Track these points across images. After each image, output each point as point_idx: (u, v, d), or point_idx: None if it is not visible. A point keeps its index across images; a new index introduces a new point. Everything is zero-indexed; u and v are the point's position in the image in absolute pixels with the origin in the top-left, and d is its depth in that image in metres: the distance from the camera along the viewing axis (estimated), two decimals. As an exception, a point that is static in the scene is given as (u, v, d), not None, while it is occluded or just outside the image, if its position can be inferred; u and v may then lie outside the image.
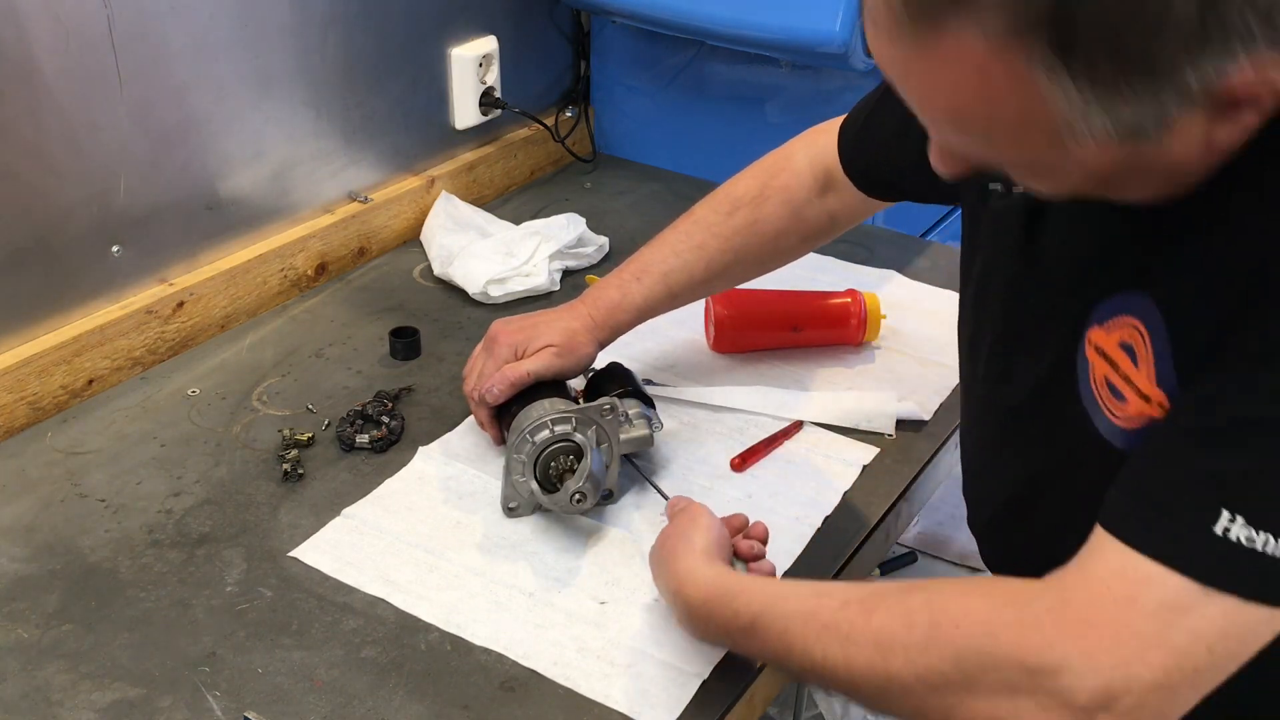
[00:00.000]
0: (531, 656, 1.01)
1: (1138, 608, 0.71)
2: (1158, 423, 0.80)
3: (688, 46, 1.87)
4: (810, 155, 1.25)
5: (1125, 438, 0.83)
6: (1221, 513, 0.69)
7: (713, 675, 0.99)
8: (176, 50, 1.36)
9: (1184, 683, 0.70)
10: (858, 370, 1.44)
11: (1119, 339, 0.83)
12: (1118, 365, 0.83)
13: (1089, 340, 0.86)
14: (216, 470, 1.23)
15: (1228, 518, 0.69)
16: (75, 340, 1.32)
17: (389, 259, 1.68)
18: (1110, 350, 0.84)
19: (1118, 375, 0.83)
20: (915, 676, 0.76)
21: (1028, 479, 0.98)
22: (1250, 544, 0.69)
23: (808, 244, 1.28)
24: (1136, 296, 0.81)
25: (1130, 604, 0.71)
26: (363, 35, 1.59)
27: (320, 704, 0.96)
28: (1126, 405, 0.82)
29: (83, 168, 1.30)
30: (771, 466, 1.26)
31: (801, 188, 1.24)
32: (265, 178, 1.52)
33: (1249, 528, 0.69)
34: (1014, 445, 0.99)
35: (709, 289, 1.29)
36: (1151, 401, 0.80)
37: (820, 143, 1.24)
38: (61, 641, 1.02)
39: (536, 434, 1.12)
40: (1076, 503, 0.88)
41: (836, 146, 1.20)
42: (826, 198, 1.23)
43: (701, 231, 1.25)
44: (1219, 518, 0.69)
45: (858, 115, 1.20)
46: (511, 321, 1.25)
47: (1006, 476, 1.01)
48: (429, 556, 1.11)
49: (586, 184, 1.93)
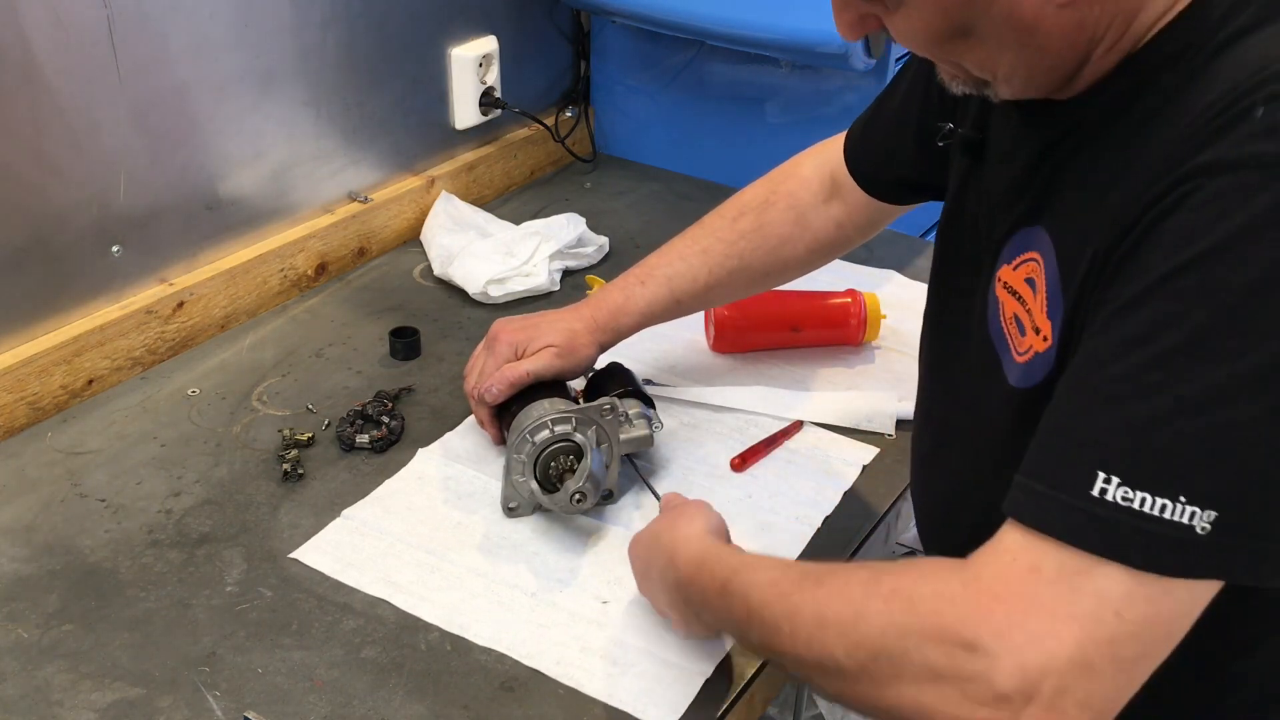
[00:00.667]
0: (535, 656, 1.01)
1: (1040, 578, 0.70)
2: (1040, 357, 0.81)
3: (688, 46, 1.87)
4: (817, 163, 1.25)
5: (1018, 372, 0.85)
6: (1097, 475, 0.68)
7: (713, 675, 1.00)
8: (176, 50, 1.36)
9: (1101, 657, 0.68)
10: (858, 370, 1.44)
11: (1025, 274, 0.85)
12: (1024, 300, 0.85)
13: (999, 279, 0.88)
14: (216, 470, 1.23)
15: (1103, 479, 0.68)
16: (75, 340, 1.32)
17: (389, 259, 1.68)
18: (1018, 286, 0.86)
19: (1024, 310, 0.85)
20: (845, 653, 0.75)
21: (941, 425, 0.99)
22: (1128, 503, 0.67)
23: (814, 254, 1.27)
24: (1035, 230, 0.84)
25: (1033, 575, 0.70)
26: (363, 35, 1.59)
27: (320, 704, 0.96)
28: (1024, 339, 0.84)
29: (83, 168, 1.30)
30: (771, 466, 1.26)
31: (807, 194, 1.24)
32: (265, 178, 1.52)
33: (1125, 487, 0.68)
34: (935, 394, 1.02)
35: (713, 295, 1.28)
36: (1039, 334, 0.81)
37: (825, 152, 1.25)
38: (61, 641, 1.02)
39: (537, 434, 1.12)
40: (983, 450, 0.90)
41: (842, 151, 1.21)
42: (832, 204, 1.23)
43: (707, 237, 1.25)
44: (1095, 480, 0.68)
45: (861, 117, 1.22)
46: (513, 321, 1.25)
47: (927, 430, 1.03)
48: (430, 557, 1.11)
49: (586, 184, 1.93)
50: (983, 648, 0.69)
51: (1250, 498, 0.67)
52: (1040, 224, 0.84)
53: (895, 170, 1.17)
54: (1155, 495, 0.67)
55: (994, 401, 0.88)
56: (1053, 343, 0.80)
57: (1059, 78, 0.80)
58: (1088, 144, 0.81)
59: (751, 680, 1.00)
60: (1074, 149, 0.82)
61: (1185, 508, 0.67)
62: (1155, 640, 0.70)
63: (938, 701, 0.71)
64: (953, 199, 1.01)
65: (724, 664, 1.01)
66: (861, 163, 1.20)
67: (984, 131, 0.95)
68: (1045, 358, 0.81)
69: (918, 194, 1.18)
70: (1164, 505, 0.67)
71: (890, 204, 1.21)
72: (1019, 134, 0.89)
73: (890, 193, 1.20)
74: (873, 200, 1.20)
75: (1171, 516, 0.67)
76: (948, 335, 1.00)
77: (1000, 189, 0.90)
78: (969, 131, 0.96)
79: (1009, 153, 0.90)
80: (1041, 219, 0.84)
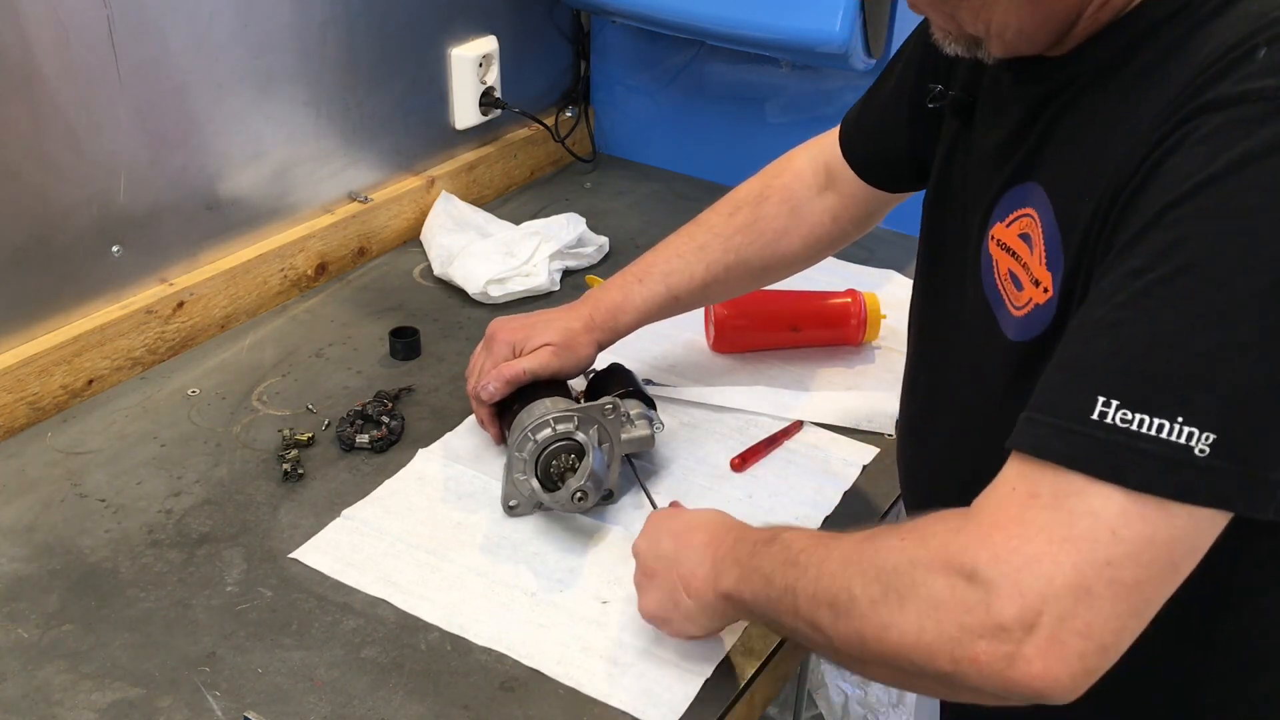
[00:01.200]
0: (535, 656, 1.01)
1: (1037, 502, 0.70)
2: (1040, 309, 0.81)
3: (688, 46, 1.87)
4: (810, 156, 1.25)
5: (1016, 326, 0.85)
6: (1097, 399, 0.69)
7: (713, 675, 1.00)
8: (176, 50, 1.36)
9: (1099, 579, 0.68)
10: (858, 370, 1.44)
11: (1019, 230, 0.85)
12: (1019, 255, 0.85)
13: (992, 237, 0.89)
14: (216, 470, 1.23)
15: (1103, 402, 0.68)
16: (75, 340, 1.32)
17: (389, 259, 1.68)
18: (1012, 243, 0.86)
19: (1020, 265, 0.85)
20: (860, 586, 0.76)
21: (931, 389, 0.99)
22: (1126, 424, 0.67)
23: (810, 248, 1.26)
24: (1029, 186, 0.85)
25: (1031, 500, 0.70)
26: (363, 35, 1.59)
27: (320, 704, 0.96)
28: (1022, 293, 0.84)
29: (83, 168, 1.30)
30: (771, 466, 1.26)
31: (801, 185, 1.24)
32: (265, 178, 1.52)
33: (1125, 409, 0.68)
34: (926, 359, 1.02)
35: (711, 292, 1.27)
36: (1039, 285, 0.81)
37: (821, 143, 1.25)
38: (61, 641, 1.02)
39: (538, 432, 1.12)
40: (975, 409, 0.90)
41: (837, 141, 1.21)
42: (826, 196, 1.23)
43: (704, 233, 1.25)
44: (1095, 404, 0.69)
45: (855, 106, 1.22)
46: (511, 320, 1.25)
47: (915, 398, 1.03)
48: (430, 557, 1.11)
49: (586, 184, 1.93)
50: (981, 575, 0.70)
51: (1248, 420, 0.67)
52: (1034, 179, 0.84)
53: (888, 150, 1.16)
54: (1154, 416, 0.67)
55: (990, 358, 0.89)
56: (1054, 294, 0.80)
57: (1052, 32, 0.81)
58: (1082, 97, 0.82)
59: (752, 680, 1.00)
60: (1068, 103, 0.83)
61: (1183, 428, 0.67)
62: (1155, 565, 0.69)
63: (937, 633, 0.71)
64: (941, 162, 1.01)
65: (724, 664, 1.01)
66: (856, 147, 1.19)
67: (974, 94, 0.96)
68: (1045, 309, 0.81)
69: (911, 174, 1.17)
70: (1161, 425, 0.67)
71: (885, 190, 1.20)
72: (1010, 93, 0.89)
73: (885, 175, 1.19)
74: (869, 189, 1.20)
75: (1170, 437, 0.67)
76: (938, 298, 1.00)
77: (991, 148, 0.91)
78: (959, 93, 0.97)
79: (999, 111, 0.90)
80: (1035, 174, 0.85)
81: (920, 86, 1.06)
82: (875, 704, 1.91)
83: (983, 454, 0.79)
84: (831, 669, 1.94)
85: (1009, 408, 0.76)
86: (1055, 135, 0.84)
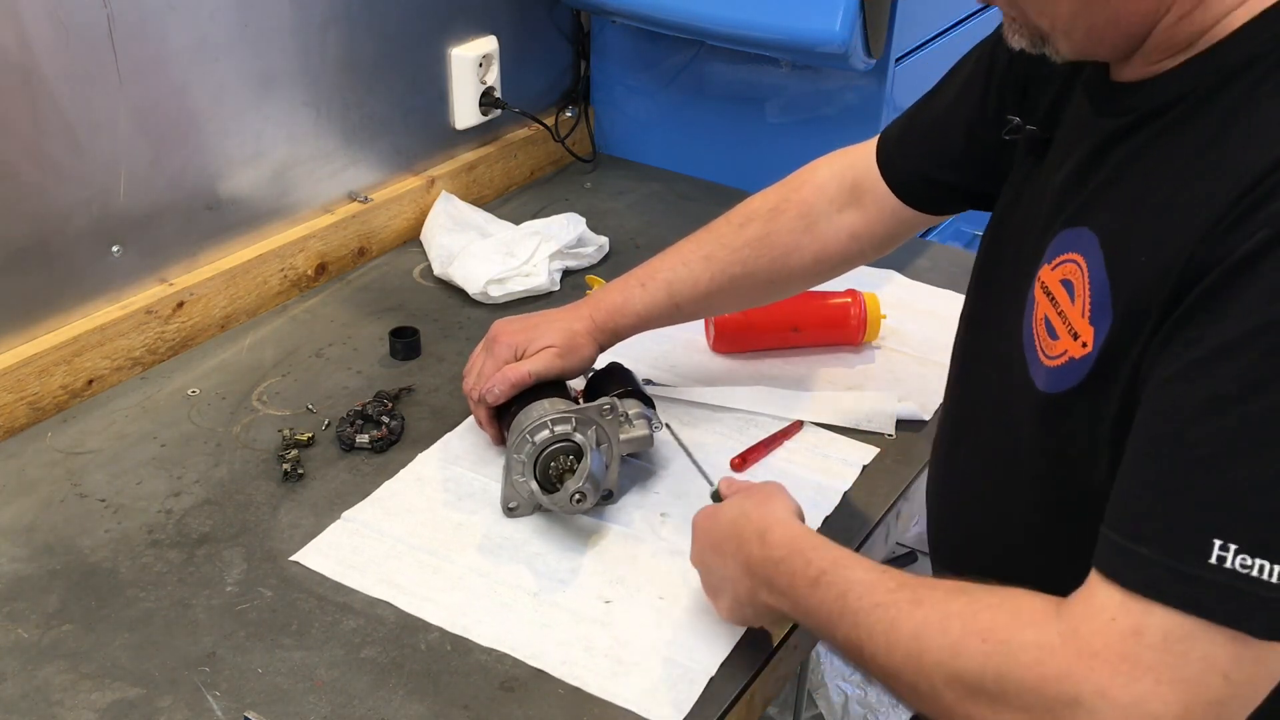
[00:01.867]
0: (539, 656, 1.01)
1: (1143, 641, 0.69)
2: (1075, 363, 0.79)
3: (688, 46, 1.87)
4: (836, 169, 1.21)
5: (1046, 376, 0.83)
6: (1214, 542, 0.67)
7: (715, 675, 1.00)
8: (176, 50, 1.36)
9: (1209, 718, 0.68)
10: (858, 370, 1.44)
11: (1061, 276, 0.83)
12: (1058, 302, 0.83)
13: (1039, 280, 0.87)
14: (216, 470, 1.23)
15: (1220, 546, 0.67)
16: (75, 340, 1.32)
17: (389, 259, 1.68)
18: (1053, 288, 0.84)
19: (1056, 313, 0.83)
20: (944, 680, 0.76)
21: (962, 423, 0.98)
22: (1247, 570, 0.67)
23: (821, 265, 1.22)
24: (1080, 231, 0.82)
25: (1134, 638, 0.70)
26: (363, 35, 1.59)
27: (320, 704, 0.96)
28: (1057, 343, 0.82)
29: (83, 168, 1.30)
30: (771, 466, 1.26)
31: (822, 200, 1.20)
32: (265, 178, 1.52)
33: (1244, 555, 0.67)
34: (961, 393, 1.00)
35: (715, 302, 1.25)
36: (1078, 339, 0.80)
37: (849, 157, 1.21)
38: (61, 641, 1.02)
39: (536, 434, 1.12)
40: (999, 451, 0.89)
41: (872, 156, 1.17)
42: (846, 213, 1.19)
43: (712, 242, 1.23)
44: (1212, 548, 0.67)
45: (898, 120, 1.17)
46: (513, 321, 1.25)
47: (947, 427, 1.02)
48: (431, 558, 1.11)
49: (586, 184, 1.93)
50: (1086, 705, 0.69)
51: None
52: (1087, 225, 0.81)
53: (936, 173, 1.12)
54: (1274, 562, 0.67)
55: (1018, 404, 0.87)
56: (1093, 350, 0.78)
57: (1121, 38, 0.78)
58: (1156, 142, 0.78)
59: (751, 680, 1.00)
60: (1139, 148, 0.80)
61: None
62: (1254, 700, 0.70)
63: None
64: (1011, 198, 0.98)
65: (724, 664, 1.01)
66: (897, 166, 1.15)
67: (1050, 131, 0.93)
68: (1081, 364, 0.80)
69: (955, 201, 1.13)
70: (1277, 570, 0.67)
71: (923, 212, 1.16)
72: (1084, 127, 0.86)
73: (926, 199, 1.15)
74: (899, 209, 1.15)
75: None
76: (980, 333, 0.99)
77: (1055, 185, 0.88)
78: (1036, 129, 0.94)
79: (1070, 147, 0.87)
80: (1090, 220, 0.82)
81: (983, 113, 1.03)
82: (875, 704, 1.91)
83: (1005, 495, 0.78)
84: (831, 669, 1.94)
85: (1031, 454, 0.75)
86: (1120, 180, 0.80)
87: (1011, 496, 0.75)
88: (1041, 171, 0.93)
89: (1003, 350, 0.91)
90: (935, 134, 1.11)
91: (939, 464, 1.06)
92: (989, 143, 1.02)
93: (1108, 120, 0.83)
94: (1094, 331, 0.78)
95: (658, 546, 1.13)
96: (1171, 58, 0.78)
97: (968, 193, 1.11)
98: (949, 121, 1.09)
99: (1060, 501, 0.86)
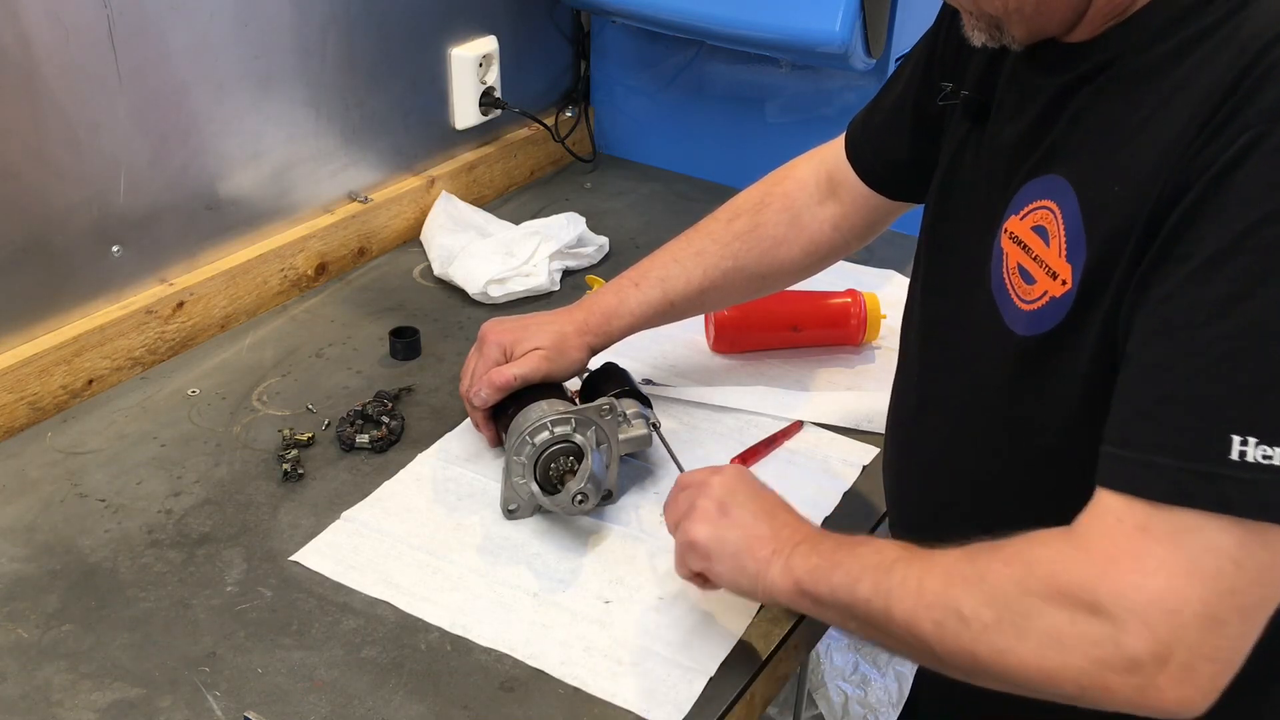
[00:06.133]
0: (539, 657, 1.01)
1: (1149, 537, 0.71)
2: (1055, 301, 0.81)
3: (688, 46, 1.87)
4: (813, 164, 1.25)
5: (1025, 320, 0.85)
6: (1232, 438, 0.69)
7: (714, 674, 1.00)
8: (176, 50, 1.36)
9: (1227, 608, 0.69)
10: (858, 370, 1.44)
11: (1032, 223, 0.85)
12: (1031, 249, 0.85)
13: (1005, 230, 0.88)
14: (216, 470, 1.23)
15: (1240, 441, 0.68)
16: (75, 340, 1.32)
17: (389, 259, 1.68)
18: (1024, 236, 0.86)
19: (1030, 258, 0.85)
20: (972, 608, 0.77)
21: (928, 389, 0.99)
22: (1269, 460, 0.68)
23: (809, 256, 1.25)
24: (1050, 179, 0.84)
25: (1141, 534, 0.71)
26: (363, 35, 1.59)
27: (320, 704, 0.96)
28: (1034, 287, 0.84)
29: (83, 168, 1.30)
30: (771, 467, 1.26)
31: (802, 194, 1.23)
32: (265, 178, 1.52)
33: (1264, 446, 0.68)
34: (924, 360, 1.01)
35: (708, 299, 1.26)
36: (1057, 279, 0.81)
37: (824, 152, 1.24)
38: (61, 641, 1.02)
39: (536, 436, 1.12)
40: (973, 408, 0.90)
41: (843, 148, 1.20)
42: (827, 205, 1.23)
43: (702, 239, 1.25)
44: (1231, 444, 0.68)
45: (861, 111, 1.21)
46: (503, 322, 1.25)
47: (910, 398, 1.03)
48: (431, 559, 1.11)
49: (586, 184, 1.93)
50: (1105, 609, 0.71)
51: None
52: (1056, 171, 0.84)
53: (894, 153, 1.15)
54: None
55: (993, 355, 0.88)
56: (1072, 286, 0.80)
57: (1068, 9, 0.81)
58: (1111, 86, 0.81)
59: (751, 680, 1.01)
60: (1095, 92, 0.82)
61: None
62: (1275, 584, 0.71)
63: (1061, 663, 0.73)
64: (948, 162, 1.01)
65: (724, 664, 1.01)
66: (863, 153, 1.18)
67: (987, 93, 0.95)
68: (1061, 302, 0.81)
69: (915, 180, 1.15)
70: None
71: (891, 198, 1.19)
72: (1031, 85, 0.89)
73: (892, 183, 1.18)
74: (870, 197, 1.19)
75: None
76: (940, 297, 1.00)
77: (1008, 142, 0.90)
78: (972, 92, 0.96)
79: (1019, 105, 0.90)
80: (1057, 166, 0.84)
81: (926, 88, 1.06)
82: (875, 704, 1.91)
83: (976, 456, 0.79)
84: (831, 669, 1.94)
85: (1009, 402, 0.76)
86: (1081, 125, 0.83)
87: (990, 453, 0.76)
88: (983, 133, 0.95)
89: (969, 311, 0.93)
90: (892, 118, 1.15)
91: (900, 442, 1.06)
92: (933, 114, 1.04)
93: (1059, 76, 0.85)
94: (1071, 269, 0.80)
95: (657, 546, 1.13)
96: (1115, 19, 0.81)
97: (925, 167, 1.12)
98: (901, 104, 1.13)
99: (1034, 455, 0.87)
